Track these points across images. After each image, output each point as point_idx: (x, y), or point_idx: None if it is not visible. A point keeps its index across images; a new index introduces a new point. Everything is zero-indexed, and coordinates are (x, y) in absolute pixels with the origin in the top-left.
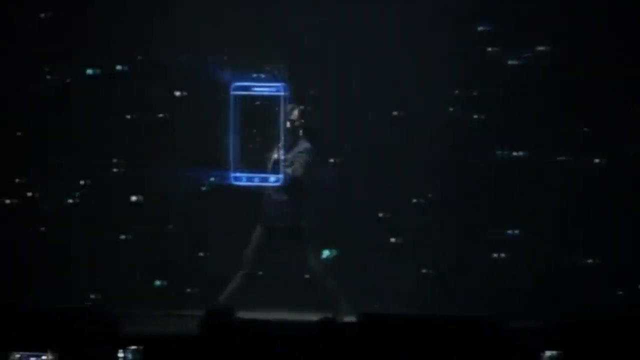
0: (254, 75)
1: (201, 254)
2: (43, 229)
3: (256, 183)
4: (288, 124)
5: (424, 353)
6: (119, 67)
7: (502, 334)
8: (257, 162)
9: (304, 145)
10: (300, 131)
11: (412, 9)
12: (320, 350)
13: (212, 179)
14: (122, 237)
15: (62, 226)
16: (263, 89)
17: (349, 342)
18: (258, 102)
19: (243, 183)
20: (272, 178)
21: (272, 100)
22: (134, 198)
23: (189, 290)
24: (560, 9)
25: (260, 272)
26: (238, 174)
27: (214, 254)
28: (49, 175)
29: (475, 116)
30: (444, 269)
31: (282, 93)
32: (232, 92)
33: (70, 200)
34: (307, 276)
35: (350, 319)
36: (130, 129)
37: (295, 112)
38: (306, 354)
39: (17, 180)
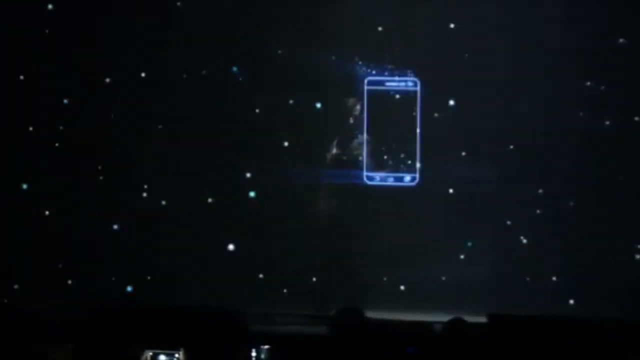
0: (387, 69)
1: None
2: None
3: (390, 183)
4: (351, 120)
5: (553, 354)
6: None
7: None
8: (390, 161)
9: (360, 139)
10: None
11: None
12: (450, 350)
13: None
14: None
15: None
16: (397, 83)
17: (478, 343)
18: (392, 97)
19: (376, 183)
20: (407, 177)
21: (407, 96)
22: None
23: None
24: None
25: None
26: (371, 174)
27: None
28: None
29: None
30: (581, 271)
31: (417, 88)
32: (366, 87)
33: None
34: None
35: (480, 319)
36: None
37: (358, 107)
38: (436, 354)
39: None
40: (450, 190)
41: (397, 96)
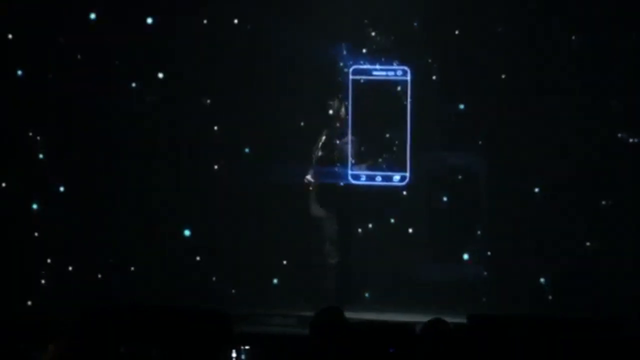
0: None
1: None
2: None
3: (377, 182)
4: (337, 123)
5: (532, 354)
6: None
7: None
8: (377, 158)
9: (350, 137)
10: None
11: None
12: (431, 351)
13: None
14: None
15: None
16: (385, 72)
17: (458, 343)
18: (379, 88)
19: (362, 182)
20: (397, 177)
21: (396, 86)
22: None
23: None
24: None
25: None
26: (356, 172)
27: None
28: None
29: None
30: None
31: (407, 78)
32: (351, 76)
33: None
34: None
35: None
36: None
37: (343, 109)
38: (417, 355)
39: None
40: (439, 191)
41: (386, 86)
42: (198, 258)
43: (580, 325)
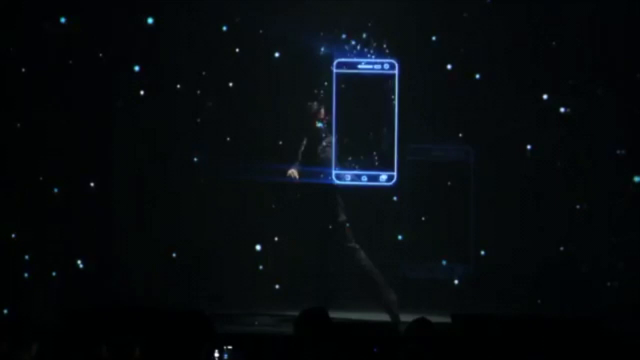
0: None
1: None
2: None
3: (363, 183)
4: (319, 124)
5: (515, 353)
6: None
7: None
8: (363, 157)
9: (329, 139)
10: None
11: None
12: (415, 350)
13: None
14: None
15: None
16: (371, 65)
17: (441, 343)
18: (365, 82)
19: (346, 182)
20: (384, 176)
21: (382, 80)
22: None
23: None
24: None
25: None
26: (341, 172)
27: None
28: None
29: None
30: None
31: (395, 71)
32: (335, 70)
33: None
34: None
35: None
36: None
37: (322, 110)
38: (401, 354)
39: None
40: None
41: (372, 80)
42: (174, 255)
43: (563, 324)
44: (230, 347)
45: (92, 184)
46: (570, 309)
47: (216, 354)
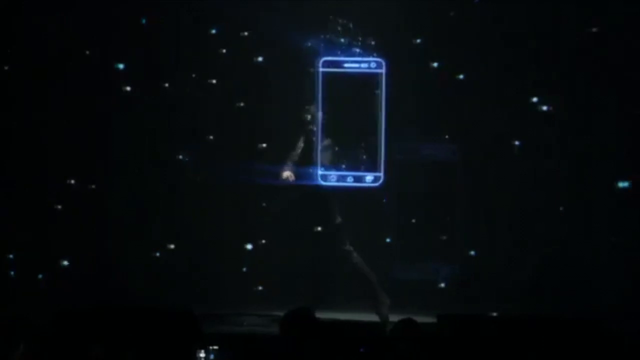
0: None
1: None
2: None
3: (349, 183)
4: (314, 128)
5: (502, 353)
6: None
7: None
8: (348, 157)
9: (314, 139)
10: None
11: None
12: (400, 350)
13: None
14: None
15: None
16: (358, 64)
17: (428, 343)
18: (351, 81)
19: (332, 183)
20: (370, 177)
21: (369, 79)
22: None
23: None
24: None
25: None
26: (326, 172)
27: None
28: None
29: None
30: None
31: (382, 70)
32: (321, 69)
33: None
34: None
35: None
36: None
37: (308, 110)
38: (388, 354)
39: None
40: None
41: (358, 79)
42: (158, 254)
43: (551, 324)
44: (216, 347)
45: (75, 183)
46: (569, 309)
47: (202, 354)
